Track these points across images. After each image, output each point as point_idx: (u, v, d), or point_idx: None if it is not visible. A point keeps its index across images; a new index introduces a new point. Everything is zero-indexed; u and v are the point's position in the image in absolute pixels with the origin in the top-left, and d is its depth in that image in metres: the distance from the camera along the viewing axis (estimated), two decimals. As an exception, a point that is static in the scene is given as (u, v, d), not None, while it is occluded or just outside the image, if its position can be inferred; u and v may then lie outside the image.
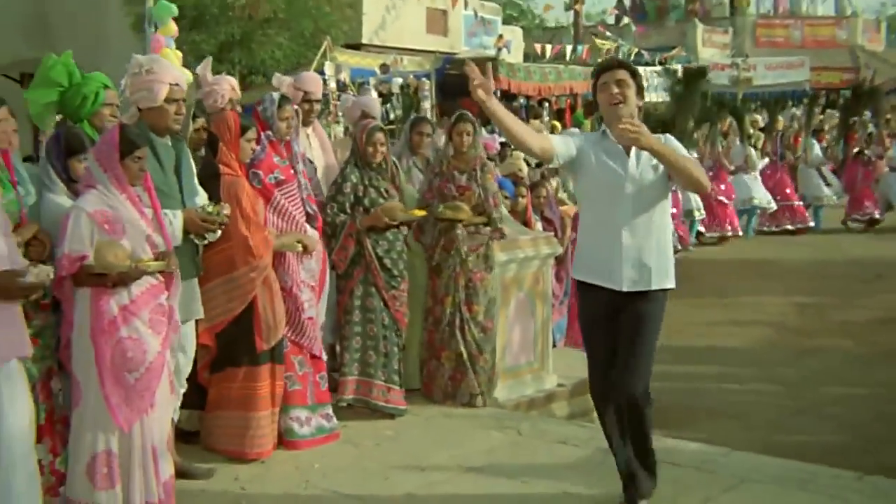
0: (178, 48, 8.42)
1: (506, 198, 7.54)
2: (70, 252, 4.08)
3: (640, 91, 4.44)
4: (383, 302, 6.02)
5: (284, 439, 5.45)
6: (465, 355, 6.32)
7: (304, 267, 5.52)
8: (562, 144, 4.43)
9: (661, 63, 21.49)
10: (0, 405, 3.58)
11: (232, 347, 5.24)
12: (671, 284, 4.48)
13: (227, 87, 6.02)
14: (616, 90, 4.36)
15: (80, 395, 4.19)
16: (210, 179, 5.13)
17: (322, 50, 13.69)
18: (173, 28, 8.50)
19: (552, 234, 7.73)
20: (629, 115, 4.30)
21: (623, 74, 4.40)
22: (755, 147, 17.00)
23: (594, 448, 5.50)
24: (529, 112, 18.72)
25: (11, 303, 3.60)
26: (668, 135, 4.50)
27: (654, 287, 4.42)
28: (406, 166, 6.68)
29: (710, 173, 15.47)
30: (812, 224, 17.18)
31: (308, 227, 5.55)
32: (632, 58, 21.70)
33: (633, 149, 4.35)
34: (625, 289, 4.39)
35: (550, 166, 4.61)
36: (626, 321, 4.45)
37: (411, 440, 5.68)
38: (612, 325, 4.48)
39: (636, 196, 4.37)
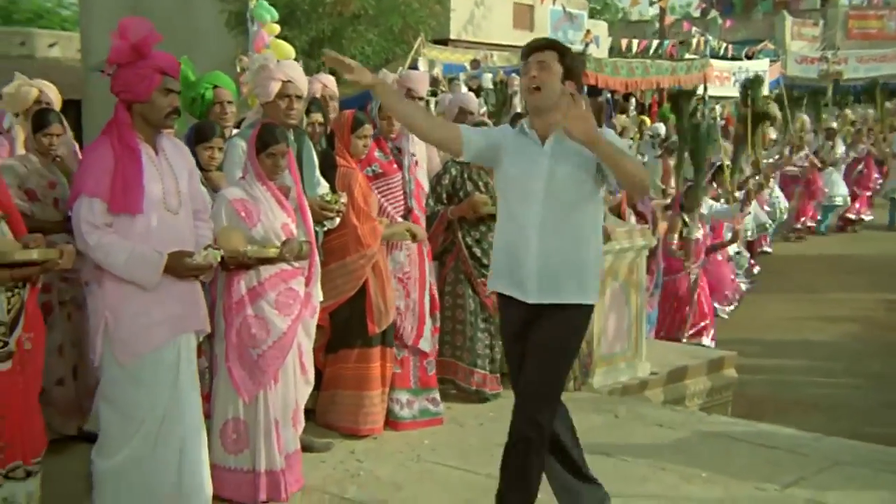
0: (269, 44, 8.76)
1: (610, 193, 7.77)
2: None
3: (570, 74, 3.79)
4: (472, 289, 6.31)
5: (387, 419, 5.76)
6: (556, 341, 6.57)
7: (392, 258, 5.76)
8: (471, 135, 3.92)
9: (748, 57, 21.32)
10: (180, 367, 4.02)
11: (346, 330, 5.58)
12: (589, 300, 3.86)
13: (319, 85, 6.31)
14: (534, 73, 3.76)
15: (217, 367, 4.61)
16: (328, 170, 5.47)
17: (416, 46, 13.99)
18: (276, 27, 8.86)
19: (647, 226, 7.92)
20: (550, 104, 3.73)
21: (546, 55, 3.77)
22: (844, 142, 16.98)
23: (690, 431, 5.76)
24: (615, 107, 18.81)
25: (186, 281, 4.01)
26: (605, 128, 3.91)
27: (564, 301, 3.79)
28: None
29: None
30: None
31: (399, 219, 5.77)
32: (720, 53, 21.58)
33: (550, 142, 3.79)
34: (530, 300, 3.81)
35: (459, 159, 4.19)
36: (532, 340, 3.85)
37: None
38: (522, 344, 3.90)
39: (550, 195, 3.77)
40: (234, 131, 5.50)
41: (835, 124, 17.50)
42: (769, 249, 14.41)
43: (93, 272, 3.99)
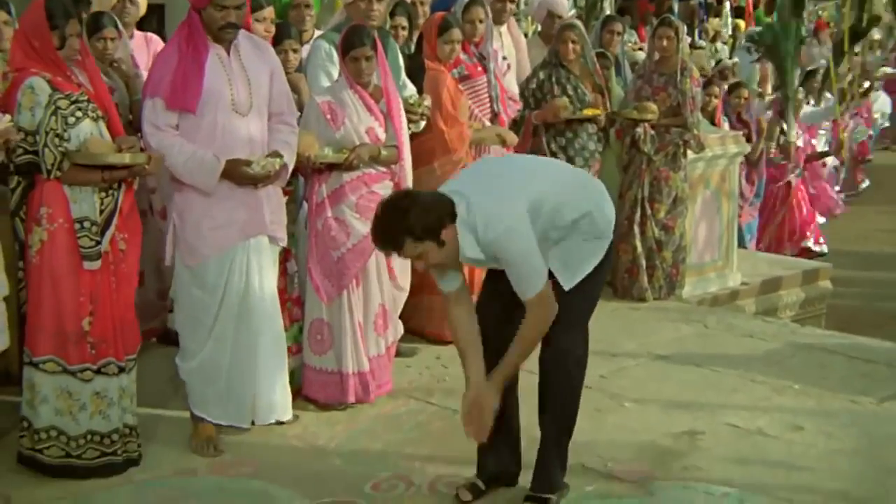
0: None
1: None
2: None
3: (427, 231, 3.28)
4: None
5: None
6: (639, 250, 6.47)
7: None
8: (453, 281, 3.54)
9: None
10: (249, 274, 4.03)
11: (434, 235, 5.53)
12: (581, 276, 3.52)
13: None
14: (419, 268, 3.50)
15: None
16: (416, 73, 5.37)
17: None
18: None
19: (741, 133, 7.67)
20: (453, 260, 3.41)
21: (409, 248, 3.31)
22: None
23: (783, 342, 5.65)
24: (709, 10, 18.17)
25: (247, 187, 3.98)
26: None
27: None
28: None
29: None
30: None
31: (486, 122, 5.63)
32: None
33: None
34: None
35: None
36: None
37: (599, 329, 5.72)
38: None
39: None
40: (318, 33, 5.43)
41: None
42: (870, 157, 13.91)
43: (166, 177, 4.02)
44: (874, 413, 4.69)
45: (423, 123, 5.20)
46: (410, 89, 5.23)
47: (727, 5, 17.92)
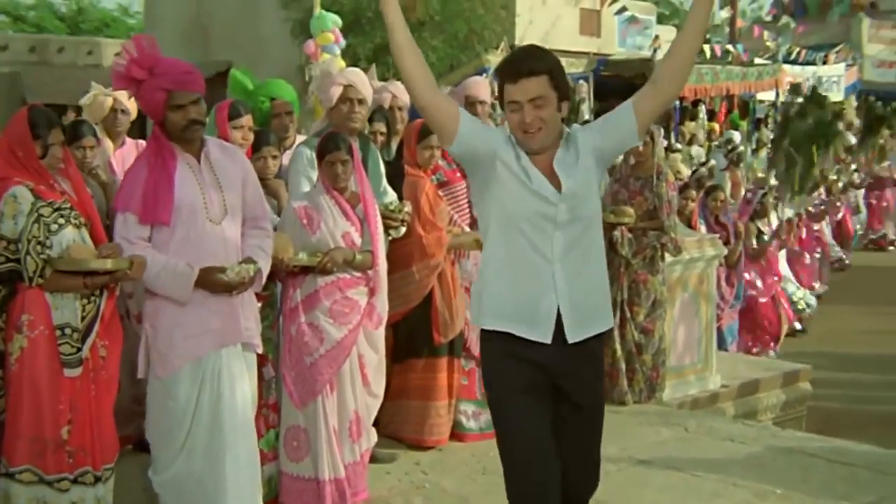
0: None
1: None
2: None
3: (563, 95, 3.22)
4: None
5: (454, 431, 5.69)
6: (619, 353, 6.49)
7: (460, 268, 5.65)
8: (469, 125, 3.24)
9: (823, 62, 20.86)
10: (221, 384, 3.95)
11: (413, 340, 5.52)
12: (611, 323, 3.42)
13: (388, 95, 6.25)
14: (530, 117, 3.15)
15: (283, 374, 4.60)
16: (395, 179, 5.44)
17: (500, 49, 13.97)
18: (330, 37, 8.84)
19: (717, 236, 7.78)
20: (551, 142, 3.21)
21: (538, 86, 3.14)
22: None
23: (763, 446, 5.62)
24: (684, 114, 18.53)
25: (221, 295, 3.95)
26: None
27: (603, 329, 3.33)
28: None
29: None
30: None
31: (466, 228, 5.68)
32: (791, 57, 21.15)
33: (558, 159, 3.21)
34: (570, 341, 3.21)
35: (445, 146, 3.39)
36: (575, 402, 3.30)
37: (580, 433, 5.85)
38: (544, 400, 3.26)
39: (571, 223, 3.22)
40: (300, 138, 5.50)
41: None
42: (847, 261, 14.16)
43: (142, 284, 4.00)
44: (857, 519, 4.67)
45: (402, 229, 5.25)
46: (391, 195, 5.30)
47: (702, 108, 18.29)
